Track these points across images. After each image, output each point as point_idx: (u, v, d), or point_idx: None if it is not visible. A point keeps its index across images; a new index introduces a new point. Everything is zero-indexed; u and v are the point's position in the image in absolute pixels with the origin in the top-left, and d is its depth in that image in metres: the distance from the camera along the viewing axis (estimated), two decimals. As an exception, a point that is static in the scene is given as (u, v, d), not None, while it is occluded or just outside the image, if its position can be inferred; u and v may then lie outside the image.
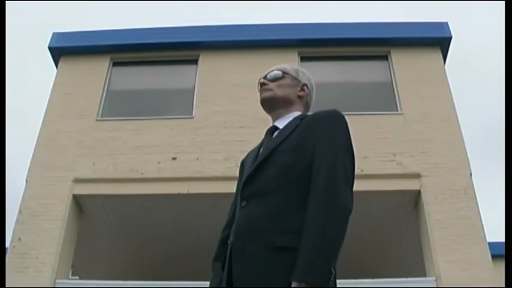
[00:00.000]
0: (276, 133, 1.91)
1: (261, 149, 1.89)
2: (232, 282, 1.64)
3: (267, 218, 1.65)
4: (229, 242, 1.75)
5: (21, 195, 7.96)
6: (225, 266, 1.73)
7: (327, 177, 1.64)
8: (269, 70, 2.04)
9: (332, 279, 1.53)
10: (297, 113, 1.97)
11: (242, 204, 1.74)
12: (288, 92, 1.98)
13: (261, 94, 2.00)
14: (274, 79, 2.00)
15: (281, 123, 1.93)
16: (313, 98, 2.08)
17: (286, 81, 2.00)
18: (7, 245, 7.36)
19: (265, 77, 2.02)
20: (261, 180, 1.74)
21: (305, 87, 2.03)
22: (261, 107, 2.04)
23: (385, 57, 9.54)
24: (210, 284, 1.83)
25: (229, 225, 1.88)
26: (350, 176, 1.71)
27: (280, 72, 2.01)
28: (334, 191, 1.62)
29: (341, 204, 1.61)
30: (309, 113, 1.96)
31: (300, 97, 2.01)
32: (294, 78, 2.02)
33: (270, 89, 1.98)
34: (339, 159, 1.70)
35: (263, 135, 1.97)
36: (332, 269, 1.54)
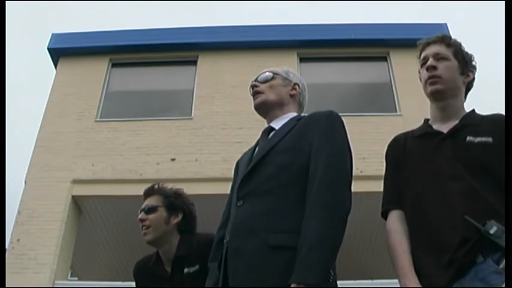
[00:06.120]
0: (271, 134, 1.92)
1: (257, 150, 1.90)
2: (228, 282, 1.64)
3: (263, 218, 1.65)
4: (225, 241, 1.75)
5: (20, 196, 7.94)
6: (221, 265, 1.73)
7: (324, 177, 1.64)
8: (259, 73, 2.07)
9: (331, 279, 1.53)
10: (293, 114, 1.98)
11: (238, 204, 1.74)
12: (280, 92, 2.00)
13: (253, 99, 2.03)
14: (265, 81, 2.02)
15: (277, 124, 1.94)
16: (306, 98, 2.10)
17: (277, 81, 2.02)
18: (6, 245, 7.35)
19: (256, 80, 2.05)
20: (257, 180, 1.75)
21: (296, 87, 2.05)
22: None
23: (384, 58, 9.54)
24: (206, 284, 1.83)
25: (224, 225, 1.88)
26: (347, 175, 1.71)
27: (270, 74, 2.04)
28: (332, 191, 1.62)
29: (339, 204, 1.62)
30: (304, 114, 1.96)
31: (292, 96, 2.03)
32: (285, 78, 2.04)
33: (262, 93, 2.00)
34: (336, 159, 1.70)
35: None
36: (331, 270, 1.53)
